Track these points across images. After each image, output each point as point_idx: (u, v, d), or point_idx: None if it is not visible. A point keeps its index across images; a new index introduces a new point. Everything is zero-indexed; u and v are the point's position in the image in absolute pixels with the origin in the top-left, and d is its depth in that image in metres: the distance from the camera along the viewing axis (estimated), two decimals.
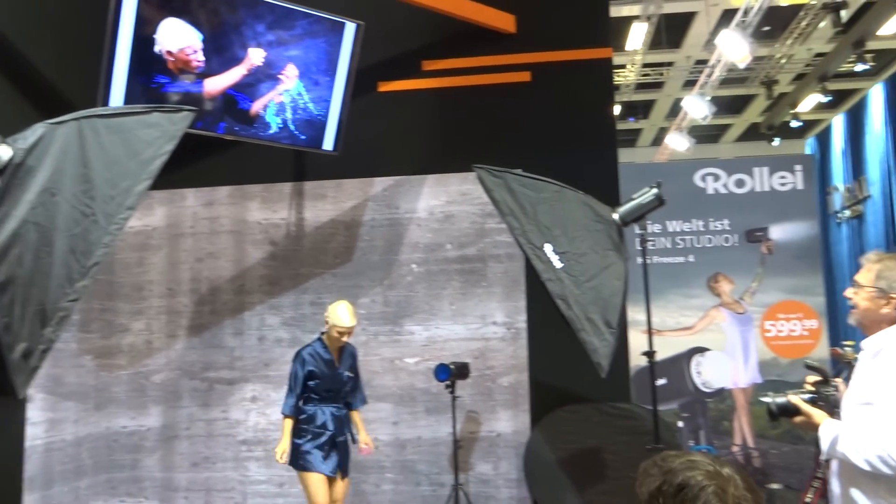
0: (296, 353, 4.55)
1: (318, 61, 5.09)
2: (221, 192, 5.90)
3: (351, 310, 4.48)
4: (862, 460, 2.09)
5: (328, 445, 4.43)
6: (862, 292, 2.32)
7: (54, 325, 3.21)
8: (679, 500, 1.31)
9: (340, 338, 4.48)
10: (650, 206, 4.14)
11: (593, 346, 3.98)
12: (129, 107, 3.78)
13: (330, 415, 4.47)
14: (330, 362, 4.50)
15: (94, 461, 5.52)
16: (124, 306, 5.81)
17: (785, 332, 6.06)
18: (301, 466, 4.42)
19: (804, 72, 14.14)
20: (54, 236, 3.21)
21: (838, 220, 14.03)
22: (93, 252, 3.27)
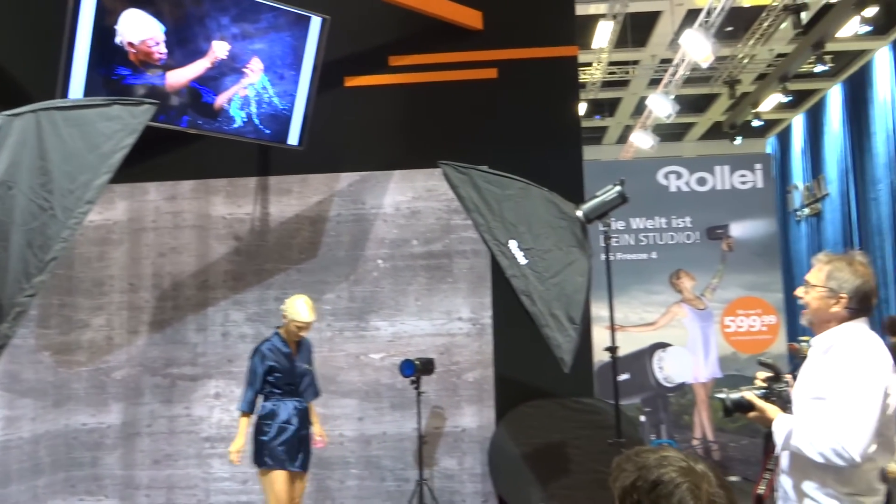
0: (254, 348, 4.51)
1: (284, 55, 5.05)
2: (185, 186, 5.83)
3: (310, 304, 4.46)
4: (816, 453, 2.15)
5: (295, 441, 4.40)
6: (813, 292, 2.37)
7: (10, 321, 3.14)
8: (654, 497, 1.31)
9: (299, 332, 4.46)
10: (613, 203, 4.19)
11: (557, 342, 4.02)
12: (88, 99, 3.72)
13: (293, 409, 4.45)
14: (289, 355, 4.48)
15: (53, 459, 5.43)
16: (84, 302, 5.71)
17: (744, 327, 6.18)
18: (267, 465, 4.35)
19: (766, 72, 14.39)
20: (10, 230, 3.14)
21: (797, 217, 14.34)
22: (50, 247, 3.21)
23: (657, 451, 1.40)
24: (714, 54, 11.38)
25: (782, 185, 14.85)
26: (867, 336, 2.29)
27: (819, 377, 2.29)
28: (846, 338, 2.29)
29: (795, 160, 14.50)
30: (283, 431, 4.39)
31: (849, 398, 2.14)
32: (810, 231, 13.79)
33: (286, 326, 4.47)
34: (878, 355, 2.22)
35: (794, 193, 14.46)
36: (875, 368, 2.18)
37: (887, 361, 2.22)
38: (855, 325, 2.31)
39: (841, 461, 2.11)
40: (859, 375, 2.16)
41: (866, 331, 2.31)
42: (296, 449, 4.41)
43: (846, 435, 2.10)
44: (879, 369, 2.18)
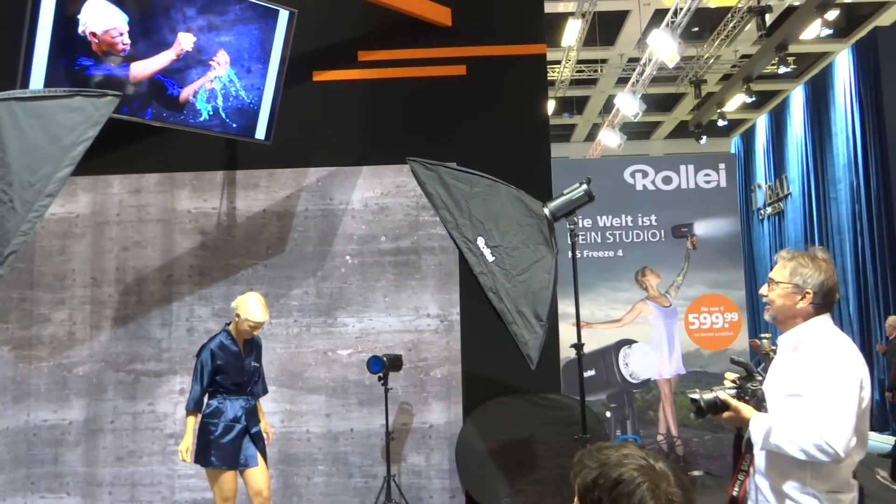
0: (202, 345, 4.42)
1: (251, 48, 5.00)
2: (149, 179, 5.74)
3: (263, 303, 4.35)
4: (797, 450, 2.14)
5: (240, 438, 4.32)
6: (777, 288, 2.37)
7: None
8: (615, 495, 1.33)
9: (251, 331, 4.38)
10: (580, 201, 4.22)
11: (523, 339, 4.05)
12: (50, 90, 3.64)
13: (240, 407, 4.37)
14: (237, 354, 4.39)
15: (12, 456, 5.32)
16: (45, 296, 5.60)
17: (707, 324, 6.28)
18: (211, 463, 4.27)
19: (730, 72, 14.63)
20: None
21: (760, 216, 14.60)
22: (9, 240, 3.14)
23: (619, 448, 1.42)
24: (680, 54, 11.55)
25: (746, 184, 15.11)
26: (835, 331, 2.31)
27: (792, 374, 2.30)
28: (815, 334, 2.30)
29: (759, 160, 14.76)
30: (230, 430, 4.30)
31: (828, 393, 2.15)
32: (773, 229, 14.06)
33: (236, 324, 4.37)
34: (850, 350, 2.25)
35: (758, 192, 14.72)
36: (849, 363, 2.20)
37: (859, 356, 2.25)
38: (821, 320, 2.32)
39: (825, 457, 2.11)
40: (836, 370, 2.18)
41: (832, 326, 2.33)
42: (242, 447, 4.33)
43: (829, 430, 2.10)
44: (854, 363, 2.20)
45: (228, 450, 4.28)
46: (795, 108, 12.94)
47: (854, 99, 10.68)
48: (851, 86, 10.77)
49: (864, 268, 10.47)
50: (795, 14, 10.94)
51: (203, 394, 4.35)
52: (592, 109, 17.47)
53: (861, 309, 10.61)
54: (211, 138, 5.32)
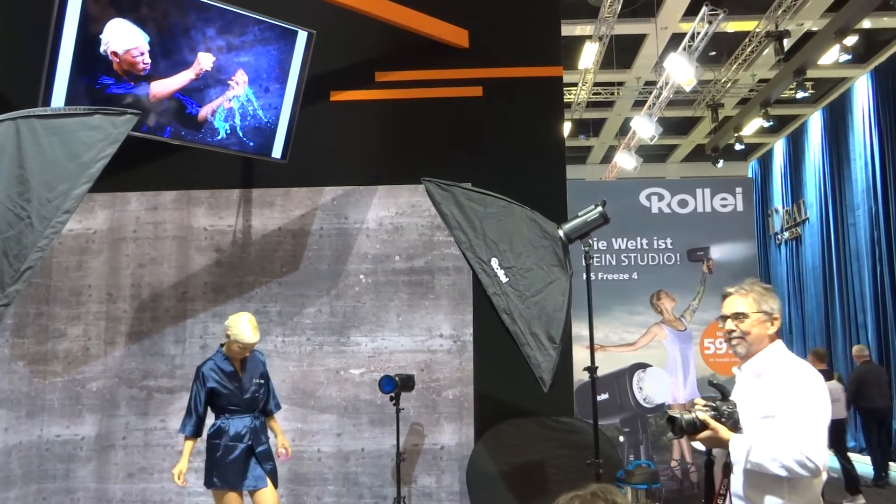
0: (196, 370, 4.37)
1: (269, 68, 5.06)
2: (166, 196, 5.79)
3: (254, 323, 4.30)
4: (778, 466, 2.24)
5: (244, 458, 4.27)
6: (748, 321, 2.49)
7: None
8: None
9: (241, 353, 4.34)
10: (595, 223, 4.21)
11: (536, 361, 4.02)
12: (69, 108, 3.68)
13: (244, 426, 4.31)
14: (232, 374, 4.34)
15: (24, 471, 5.33)
16: (61, 311, 5.64)
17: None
18: (213, 484, 4.23)
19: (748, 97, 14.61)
20: None
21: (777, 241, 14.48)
22: (26, 256, 3.16)
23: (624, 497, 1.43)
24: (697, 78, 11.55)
25: (763, 209, 15.02)
26: (791, 355, 2.47)
27: (762, 398, 2.41)
28: (778, 358, 2.45)
29: (776, 184, 14.67)
30: (233, 450, 4.25)
31: (804, 413, 2.28)
32: (790, 255, 13.94)
33: (228, 345, 4.32)
34: (814, 372, 2.39)
35: (775, 217, 14.62)
36: (817, 384, 2.34)
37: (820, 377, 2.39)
38: (779, 344, 2.48)
39: (805, 472, 2.22)
40: (807, 391, 2.31)
41: (787, 350, 2.49)
42: (246, 468, 4.27)
43: (808, 446, 2.22)
44: (821, 384, 2.35)
45: (231, 470, 4.23)
46: (813, 133, 12.88)
47: (873, 124, 10.61)
48: (870, 111, 10.71)
49: (884, 294, 10.33)
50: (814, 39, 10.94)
51: (198, 420, 4.29)
52: (609, 132, 17.48)
53: (880, 335, 10.46)
54: (228, 157, 5.36)
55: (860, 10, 9.45)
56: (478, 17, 5.88)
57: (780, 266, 14.44)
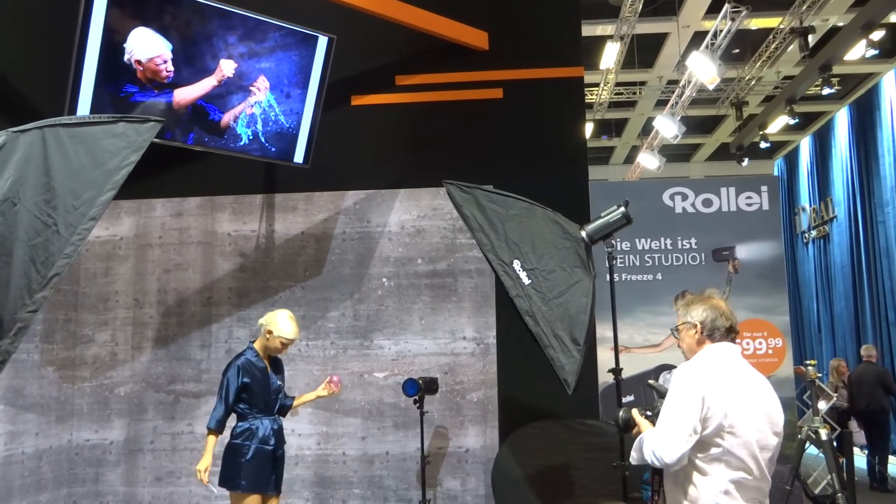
0: (228, 363, 4.34)
1: (290, 74, 5.09)
2: (191, 202, 5.85)
3: (295, 320, 4.32)
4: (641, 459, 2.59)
5: (269, 461, 4.26)
6: (680, 333, 2.73)
7: (12, 337, 3.14)
8: None
9: (282, 349, 4.33)
10: (617, 224, 4.17)
11: (560, 363, 3.99)
12: (94, 116, 3.73)
13: (269, 428, 4.29)
14: (264, 370, 4.32)
15: (55, 475, 5.41)
16: (89, 317, 5.72)
17: (750, 350, 6.12)
18: (240, 487, 4.16)
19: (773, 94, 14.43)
20: (14, 246, 3.15)
21: (805, 240, 14.28)
22: (53, 263, 3.21)
23: None
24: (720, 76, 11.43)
25: (790, 208, 14.82)
26: (708, 356, 2.60)
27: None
28: (691, 360, 2.65)
29: (803, 182, 14.47)
30: (262, 452, 4.22)
31: (668, 410, 2.50)
32: (818, 253, 13.73)
33: (265, 341, 4.30)
34: (699, 372, 2.52)
35: (802, 215, 14.42)
36: (691, 384, 2.49)
37: (712, 378, 2.49)
38: (712, 347, 2.62)
39: (658, 463, 2.49)
40: (678, 390, 2.51)
41: (714, 351, 2.61)
42: (271, 470, 4.27)
43: (661, 441, 2.47)
44: (695, 384, 2.48)
45: (259, 473, 4.21)
46: (840, 130, 12.68)
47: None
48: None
49: None
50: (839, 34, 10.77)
51: (227, 413, 4.25)
52: (631, 132, 17.37)
53: None
54: (250, 162, 5.41)
55: (886, 3, 9.29)
56: (497, 18, 5.87)
57: (807, 265, 14.23)
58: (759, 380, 2.60)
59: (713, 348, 2.62)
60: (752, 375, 2.60)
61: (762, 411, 2.50)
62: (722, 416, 2.43)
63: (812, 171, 13.96)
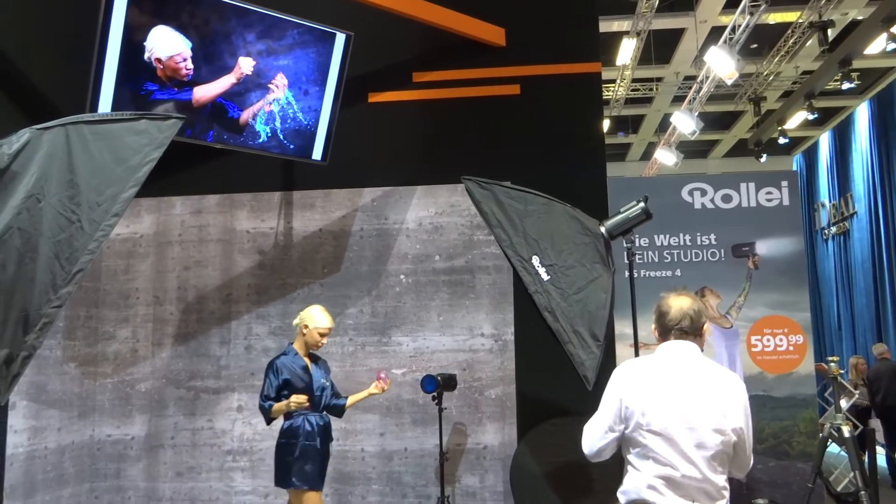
0: (269, 362, 4.40)
1: (308, 71, 5.10)
2: (210, 200, 5.89)
3: (327, 312, 4.44)
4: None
5: (318, 457, 4.31)
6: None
7: (37, 332, 3.18)
8: None
9: (321, 340, 4.40)
10: (637, 219, 4.16)
11: (580, 359, 3.98)
12: (116, 113, 3.76)
13: (315, 425, 4.35)
14: (304, 368, 4.39)
15: (77, 470, 5.47)
16: (110, 314, 5.78)
17: (771, 347, 6.07)
18: (292, 484, 4.23)
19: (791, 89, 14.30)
20: (39, 242, 3.18)
21: (825, 236, 14.15)
22: (77, 258, 3.24)
23: None
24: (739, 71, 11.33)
25: (809, 204, 14.68)
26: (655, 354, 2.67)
27: None
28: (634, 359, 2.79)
29: (822, 178, 14.33)
30: (308, 449, 4.28)
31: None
32: (837, 250, 13.60)
33: (304, 338, 4.40)
34: (626, 372, 2.64)
35: (821, 211, 14.28)
36: (614, 382, 2.66)
37: (635, 377, 2.60)
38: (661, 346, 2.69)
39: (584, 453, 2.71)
40: (607, 387, 2.69)
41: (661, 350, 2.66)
42: (320, 466, 4.32)
43: (584, 434, 2.73)
44: (616, 383, 2.64)
45: (309, 470, 4.25)
46: (861, 125, 12.54)
47: None
48: None
49: None
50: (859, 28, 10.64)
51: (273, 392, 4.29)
52: (648, 128, 17.27)
53: None
54: (269, 160, 5.43)
55: None
56: (514, 14, 5.86)
57: (827, 261, 14.10)
58: (709, 377, 2.58)
59: (662, 347, 2.68)
60: (700, 373, 2.58)
61: (698, 410, 2.50)
62: (640, 414, 2.53)
63: (832, 167, 13.82)
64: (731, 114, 16.12)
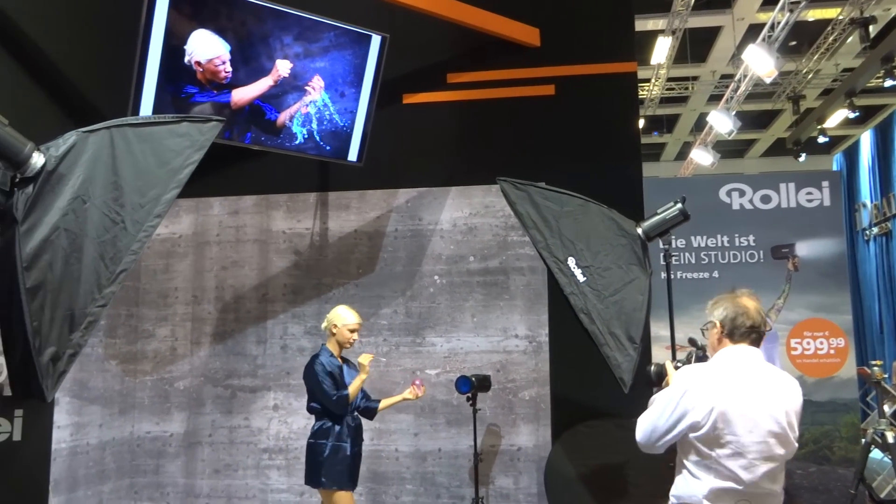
0: (310, 362, 4.41)
1: (344, 73, 5.14)
2: (247, 201, 5.96)
3: (351, 308, 4.50)
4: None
5: (349, 457, 4.35)
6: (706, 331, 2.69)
7: (82, 330, 3.25)
8: None
9: (352, 336, 4.43)
10: (674, 221, 4.12)
11: (616, 362, 3.96)
12: (159, 116, 3.84)
13: (346, 426, 4.38)
14: (339, 369, 4.43)
15: (118, 465, 5.58)
16: (150, 313, 5.88)
17: (811, 350, 5.97)
18: (322, 484, 4.26)
19: (831, 87, 14.02)
20: (84, 243, 3.26)
21: (866, 237, 13.84)
22: (121, 258, 3.31)
23: None
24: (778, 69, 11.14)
25: (849, 204, 14.36)
26: (721, 359, 2.53)
27: None
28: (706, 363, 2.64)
29: (864, 177, 14.00)
30: (339, 450, 4.31)
31: (657, 399, 2.56)
32: (879, 251, 13.28)
33: (335, 338, 4.43)
34: (693, 374, 2.50)
35: (862, 212, 13.97)
36: (681, 380, 2.49)
37: (702, 381, 2.45)
38: (730, 347, 2.54)
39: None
40: (672, 386, 2.53)
41: (728, 354, 2.53)
42: (350, 467, 4.35)
43: (639, 422, 2.60)
44: (683, 383, 2.47)
45: (339, 470, 4.28)
46: None
47: None
48: None
49: None
50: None
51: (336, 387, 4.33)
52: (683, 128, 17.07)
53: None
54: (304, 161, 5.48)
55: None
56: (549, 14, 5.83)
57: (868, 263, 13.78)
58: (776, 385, 2.48)
59: (728, 350, 2.53)
60: (770, 383, 2.48)
61: (769, 422, 2.41)
62: (711, 425, 2.39)
63: (873, 167, 13.49)
64: (768, 112, 15.87)
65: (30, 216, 3.11)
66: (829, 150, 16.44)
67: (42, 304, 3.13)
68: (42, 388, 3.15)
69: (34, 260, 3.10)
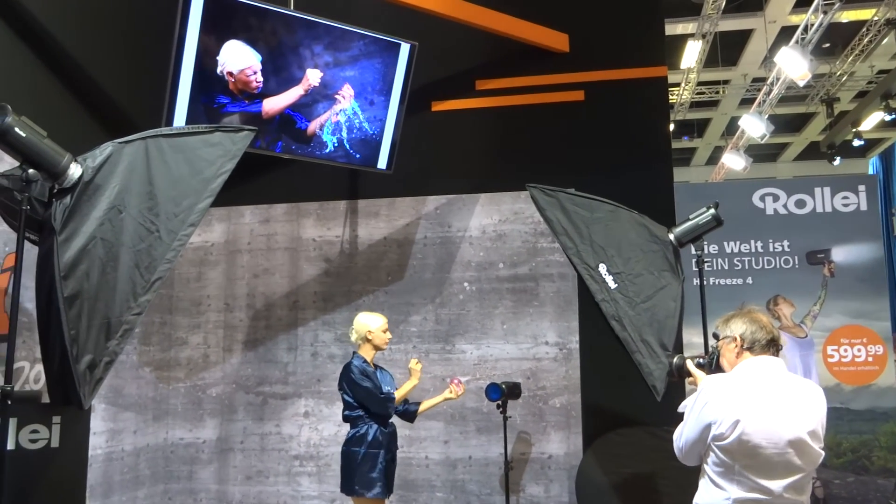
0: (346, 369, 4.41)
1: (374, 81, 5.17)
2: (278, 209, 6.02)
3: (373, 311, 4.58)
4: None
5: (385, 466, 4.34)
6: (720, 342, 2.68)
7: (118, 338, 3.30)
8: None
9: (388, 336, 4.48)
10: (707, 226, 4.07)
11: (648, 369, 3.92)
12: (192, 126, 3.89)
13: (380, 432, 4.38)
14: (374, 374, 4.43)
15: (152, 471, 5.65)
16: (183, 320, 5.96)
17: (848, 357, 5.85)
18: (355, 492, 4.26)
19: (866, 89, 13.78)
20: (120, 252, 3.31)
21: None
22: (156, 267, 3.36)
23: None
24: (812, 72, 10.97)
25: (886, 208, 14.08)
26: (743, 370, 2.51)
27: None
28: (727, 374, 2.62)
29: None
30: (372, 457, 4.30)
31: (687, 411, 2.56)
32: None
33: (370, 343, 4.43)
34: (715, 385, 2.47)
35: None
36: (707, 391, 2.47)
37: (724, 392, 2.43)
38: (748, 361, 2.53)
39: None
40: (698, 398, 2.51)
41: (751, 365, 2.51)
42: (387, 474, 4.34)
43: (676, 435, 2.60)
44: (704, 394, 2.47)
45: (372, 477, 4.28)
46: None
47: None
48: None
49: None
50: None
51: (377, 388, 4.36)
52: (713, 132, 16.88)
53: None
54: (334, 169, 5.52)
55: None
56: (578, 20, 5.81)
57: None
58: (799, 394, 2.44)
59: (751, 362, 2.52)
60: (792, 391, 2.45)
61: (792, 432, 2.36)
62: (735, 438, 2.36)
63: None
64: (801, 116, 15.64)
65: (67, 226, 3.16)
66: (865, 154, 16.15)
67: (79, 312, 3.18)
68: (79, 395, 3.19)
69: (72, 269, 3.15)
